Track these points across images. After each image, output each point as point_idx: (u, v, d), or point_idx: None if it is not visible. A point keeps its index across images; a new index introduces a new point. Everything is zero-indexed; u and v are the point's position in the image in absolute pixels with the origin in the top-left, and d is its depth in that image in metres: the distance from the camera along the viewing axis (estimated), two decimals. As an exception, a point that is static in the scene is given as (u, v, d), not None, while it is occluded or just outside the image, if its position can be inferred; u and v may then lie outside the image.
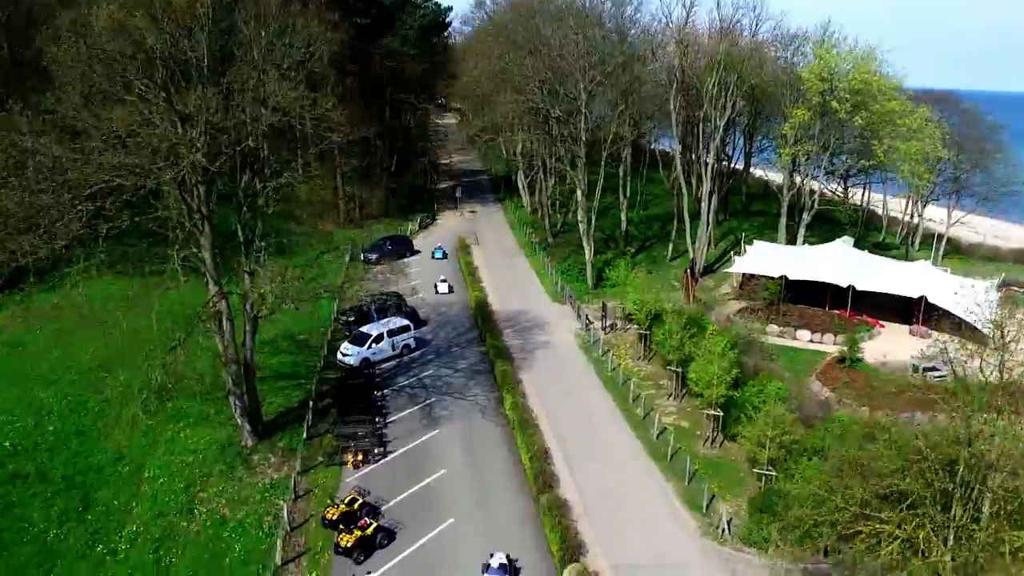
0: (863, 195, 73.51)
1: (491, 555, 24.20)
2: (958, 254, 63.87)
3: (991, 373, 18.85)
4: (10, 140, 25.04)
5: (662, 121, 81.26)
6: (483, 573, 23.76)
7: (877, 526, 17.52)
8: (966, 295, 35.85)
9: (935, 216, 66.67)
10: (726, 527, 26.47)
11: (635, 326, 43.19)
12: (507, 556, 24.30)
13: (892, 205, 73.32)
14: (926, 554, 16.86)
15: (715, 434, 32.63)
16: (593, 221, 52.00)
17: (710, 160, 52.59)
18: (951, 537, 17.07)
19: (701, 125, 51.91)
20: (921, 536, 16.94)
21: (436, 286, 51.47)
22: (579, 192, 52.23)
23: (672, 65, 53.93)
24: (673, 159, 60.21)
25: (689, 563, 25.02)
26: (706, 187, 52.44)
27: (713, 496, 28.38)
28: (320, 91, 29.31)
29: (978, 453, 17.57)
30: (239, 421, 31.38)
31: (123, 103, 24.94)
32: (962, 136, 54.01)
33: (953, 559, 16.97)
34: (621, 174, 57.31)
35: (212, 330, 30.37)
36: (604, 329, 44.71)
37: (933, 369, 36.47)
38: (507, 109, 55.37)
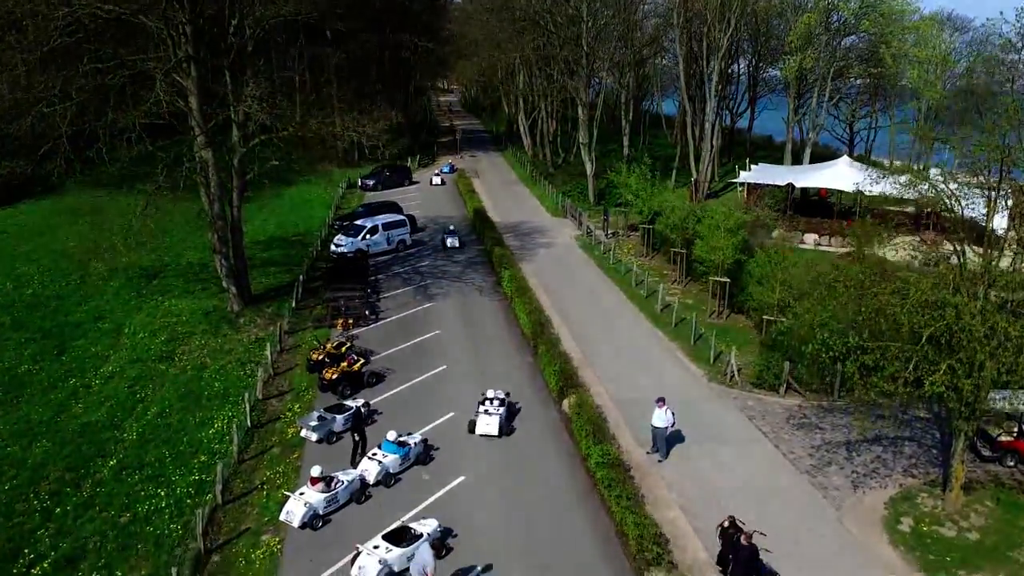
0: (867, 143, 72.24)
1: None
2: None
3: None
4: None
5: (664, 74, 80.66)
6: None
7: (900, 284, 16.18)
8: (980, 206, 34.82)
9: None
10: (735, 372, 25.10)
11: (637, 233, 42.06)
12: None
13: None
14: (958, 292, 15.49)
15: (721, 307, 31.26)
16: (594, 138, 50.74)
17: (714, 81, 51.23)
18: (981, 288, 15.73)
19: (705, 42, 50.52)
20: (951, 278, 15.60)
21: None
22: (580, 108, 51.00)
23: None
24: (680, 90, 58.76)
25: (696, 400, 23.63)
26: (710, 104, 51.11)
27: (720, 352, 26.99)
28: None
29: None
30: (225, 284, 30.07)
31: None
32: (973, 60, 52.75)
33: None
34: (623, 101, 56.06)
35: (199, 183, 29.05)
36: (606, 234, 43.41)
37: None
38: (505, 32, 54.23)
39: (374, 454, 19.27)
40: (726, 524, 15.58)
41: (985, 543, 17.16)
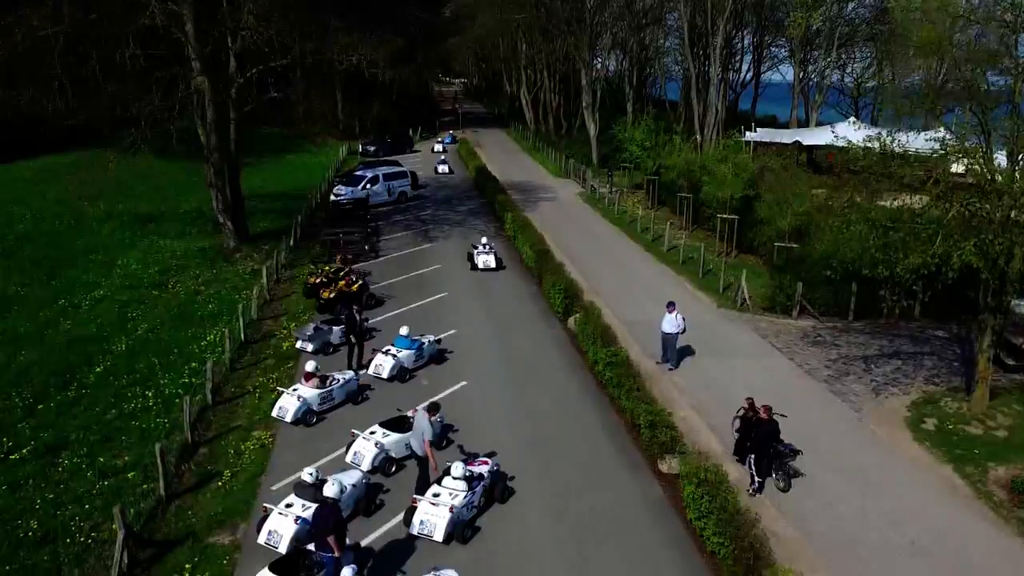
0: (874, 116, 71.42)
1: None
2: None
3: None
4: None
5: (667, 55, 79.96)
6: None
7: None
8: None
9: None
10: (746, 298, 24.26)
11: (642, 190, 41.31)
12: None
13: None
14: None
15: (729, 248, 30.42)
16: (598, 99, 49.99)
17: (718, 43, 50.37)
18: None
19: (709, 3, 49.64)
20: (978, 156, 14.69)
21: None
22: (583, 71, 50.22)
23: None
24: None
25: (706, 322, 22.77)
26: (715, 68, 50.24)
27: (729, 284, 26.15)
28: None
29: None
30: (221, 218, 29.27)
31: None
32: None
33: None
34: (627, 65, 55.30)
35: (195, 115, 28.19)
36: (610, 191, 42.62)
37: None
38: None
39: (388, 350, 18.71)
40: (745, 407, 14.74)
41: (1014, 440, 16.30)
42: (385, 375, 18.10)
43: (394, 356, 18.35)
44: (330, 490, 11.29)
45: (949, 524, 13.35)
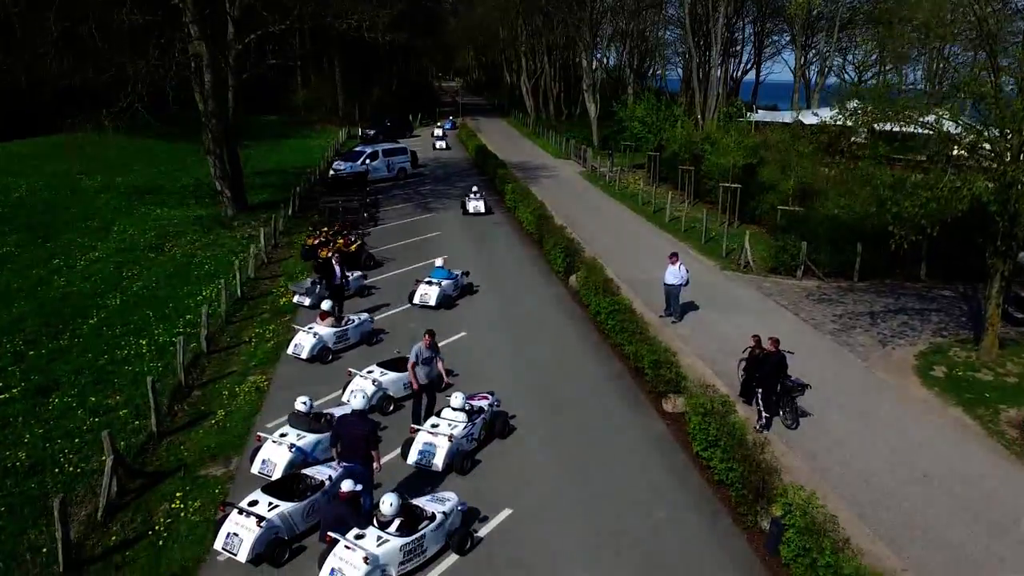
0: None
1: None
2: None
3: None
4: None
5: (666, 47, 79.85)
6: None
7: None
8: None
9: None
10: (749, 260, 23.94)
11: (643, 169, 40.98)
12: None
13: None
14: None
15: (732, 217, 30.04)
16: (598, 82, 49.71)
17: (720, 25, 50.12)
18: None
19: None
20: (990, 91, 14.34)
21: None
22: (584, 53, 49.92)
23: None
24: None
25: (710, 282, 22.47)
26: (715, 51, 49.98)
27: (732, 249, 25.82)
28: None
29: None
30: (219, 186, 28.97)
31: None
32: None
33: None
34: (627, 51, 55.05)
35: (193, 82, 27.89)
36: (610, 170, 42.31)
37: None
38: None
39: (429, 280, 19.64)
40: (752, 344, 14.38)
41: (1025, 385, 15.99)
42: (433, 302, 19.26)
43: (439, 284, 19.31)
44: (358, 402, 11.09)
45: (961, 459, 13.01)
